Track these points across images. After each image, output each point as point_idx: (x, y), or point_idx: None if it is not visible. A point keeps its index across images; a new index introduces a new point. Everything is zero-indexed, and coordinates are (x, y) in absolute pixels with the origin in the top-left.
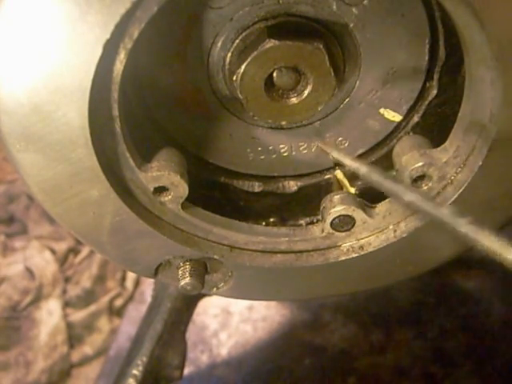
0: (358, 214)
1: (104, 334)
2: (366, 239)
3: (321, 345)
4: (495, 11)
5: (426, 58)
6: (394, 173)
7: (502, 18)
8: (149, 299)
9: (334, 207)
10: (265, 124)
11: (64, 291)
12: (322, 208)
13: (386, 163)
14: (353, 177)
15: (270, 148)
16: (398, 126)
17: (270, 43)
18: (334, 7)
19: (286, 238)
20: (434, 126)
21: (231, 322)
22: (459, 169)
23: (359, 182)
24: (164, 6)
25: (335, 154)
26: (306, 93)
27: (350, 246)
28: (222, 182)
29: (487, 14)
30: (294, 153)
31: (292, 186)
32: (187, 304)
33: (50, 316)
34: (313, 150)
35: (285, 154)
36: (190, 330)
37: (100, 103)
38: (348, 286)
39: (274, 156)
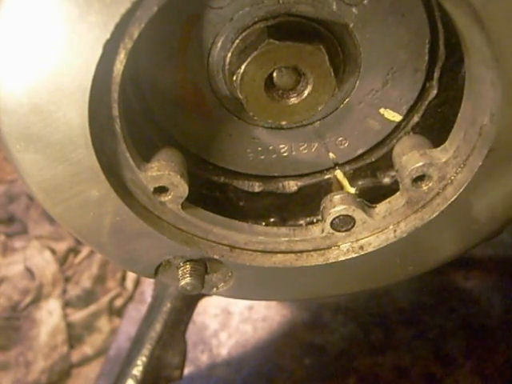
0: (358, 214)
1: (104, 334)
2: (366, 239)
3: (321, 345)
4: (495, 11)
5: (426, 58)
6: (395, 172)
7: (502, 18)
8: (149, 299)
9: (333, 207)
10: (265, 124)
11: (64, 291)
12: (322, 208)
13: (386, 163)
14: (353, 177)
15: (270, 148)
16: (398, 126)
17: (270, 43)
18: (334, 7)
19: (286, 238)
20: (434, 126)
21: (231, 322)
22: (459, 169)
23: (359, 182)
24: (164, 6)
25: None
26: (306, 93)
27: (349, 246)
28: (222, 182)
29: (487, 14)
30: (293, 153)
31: (292, 186)
32: (187, 304)
33: (50, 316)
34: (313, 150)
35: (285, 154)
36: (190, 330)
37: (100, 103)
38: (348, 286)
39: (274, 156)
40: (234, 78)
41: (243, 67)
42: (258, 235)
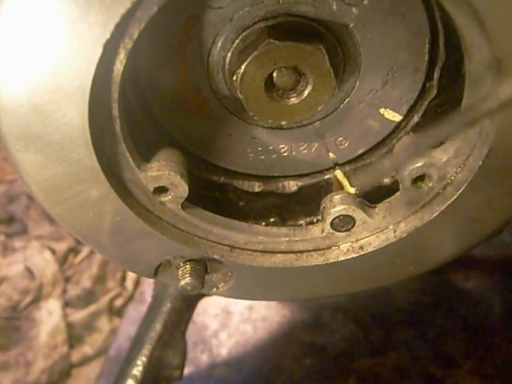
0: (358, 214)
1: (104, 334)
2: (366, 239)
3: (321, 345)
4: (495, 12)
5: (426, 58)
6: (394, 173)
7: (502, 18)
8: (149, 299)
9: (333, 207)
10: (265, 124)
11: (64, 291)
12: (322, 208)
13: None
14: (353, 177)
15: (270, 148)
16: (398, 126)
17: (270, 43)
18: (334, 7)
19: (286, 238)
20: (434, 126)
21: (231, 322)
22: (459, 169)
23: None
24: (164, 6)
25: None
26: (306, 93)
27: (349, 246)
28: (222, 182)
29: (487, 14)
30: (293, 153)
31: (292, 185)
32: (187, 304)
33: (50, 316)
34: (313, 150)
35: (285, 154)
36: (190, 330)
37: (100, 103)
38: (348, 286)
39: (274, 156)
40: (234, 78)
41: (243, 67)
42: (257, 235)
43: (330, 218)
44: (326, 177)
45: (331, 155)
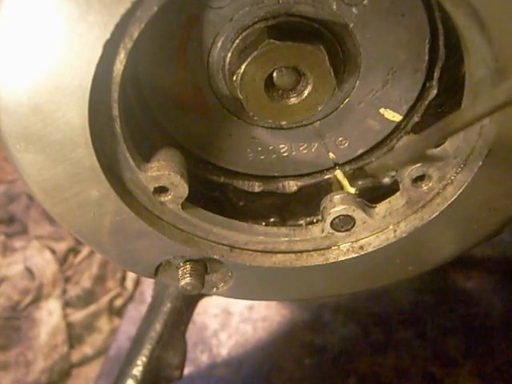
0: (358, 214)
1: (104, 334)
2: (366, 239)
3: (321, 345)
4: (495, 12)
5: (426, 58)
6: (394, 173)
7: (502, 18)
8: (149, 299)
9: (333, 207)
10: (265, 124)
11: (64, 291)
12: (322, 208)
13: None
14: (353, 177)
15: (270, 148)
16: (398, 126)
17: (270, 43)
18: (334, 7)
19: (286, 238)
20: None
21: (231, 322)
22: (459, 169)
23: (359, 182)
24: (164, 6)
25: None
26: (306, 93)
27: (349, 246)
28: (222, 182)
29: (487, 14)
30: (293, 153)
31: (292, 185)
32: (187, 304)
33: (50, 316)
34: (313, 150)
35: (285, 154)
36: (190, 330)
37: (100, 103)
38: (348, 286)
39: (274, 156)
40: (234, 78)
41: (243, 67)
42: (257, 235)
43: (330, 218)
44: (326, 177)
45: (331, 155)
